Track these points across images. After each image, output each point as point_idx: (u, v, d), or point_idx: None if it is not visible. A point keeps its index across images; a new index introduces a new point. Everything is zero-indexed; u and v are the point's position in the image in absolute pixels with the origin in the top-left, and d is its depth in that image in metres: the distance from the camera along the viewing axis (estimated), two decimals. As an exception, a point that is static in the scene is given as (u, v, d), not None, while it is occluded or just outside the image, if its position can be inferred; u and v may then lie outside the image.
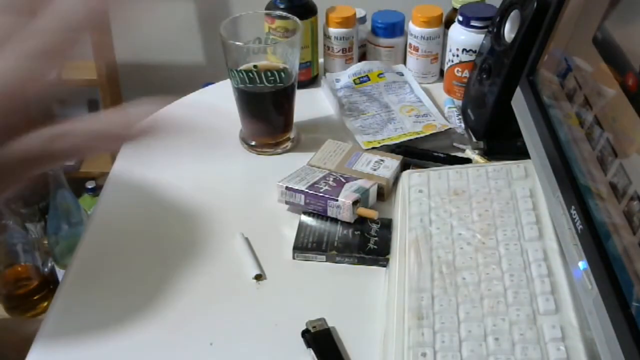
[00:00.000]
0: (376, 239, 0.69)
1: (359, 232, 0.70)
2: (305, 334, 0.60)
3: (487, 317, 0.57)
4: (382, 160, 0.79)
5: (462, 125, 0.86)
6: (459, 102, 0.91)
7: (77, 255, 0.71)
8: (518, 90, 0.72)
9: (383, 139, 0.84)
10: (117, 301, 0.65)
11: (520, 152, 0.72)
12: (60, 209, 1.39)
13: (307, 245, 0.69)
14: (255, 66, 0.79)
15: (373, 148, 0.82)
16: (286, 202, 0.74)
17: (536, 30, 0.70)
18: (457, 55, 0.89)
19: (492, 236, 0.64)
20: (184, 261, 0.69)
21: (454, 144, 0.84)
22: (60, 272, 1.50)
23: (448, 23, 0.93)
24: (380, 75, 0.96)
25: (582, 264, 0.52)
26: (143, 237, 0.73)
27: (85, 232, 0.74)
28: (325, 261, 0.69)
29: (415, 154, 0.81)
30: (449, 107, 0.90)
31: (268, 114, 0.84)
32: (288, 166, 0.79)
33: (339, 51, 0.97)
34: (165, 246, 0.71)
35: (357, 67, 0.97)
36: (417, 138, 0.84)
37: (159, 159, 0.85)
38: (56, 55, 0.31)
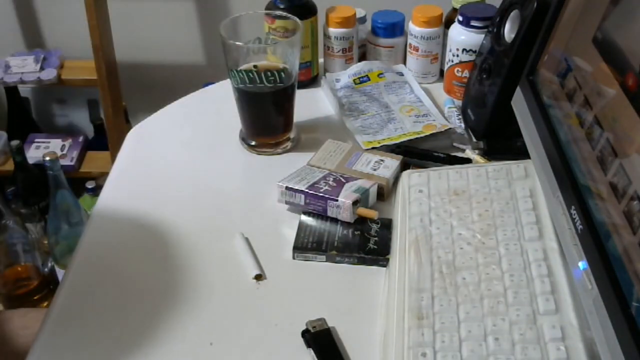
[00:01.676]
0: (376, 239, 0.69)
1: (359, 232, 0.70)
2: (305, 334, 0.60)
3: (487, 317, 0.57)
4: (382, 160, 0.79)
5: (462, 125, 0.86)
6: (459, 102, 0.91)
7: (77, 255, 0.71)
8: (518, 90, 0.72)
9: (383, 139, 0.84)
10: (117, 300, 0.65)
11: (520, 152, 0.72)
12: (60, 209, 1.39)
13: (307, 245, 0.69)
14: (255, 66, 0.79)
15: (373, 148, 0.82)
16: (286, 202, 0.74)
17: (536, 30, 0.70)
18: (457, 55, 0.89)
19: (492, 236, 0.64)
20: (184, 261, 0.69)
21: (454, 144, 0.84)
22: (60, 272, 1.50)
23: (448, 23, 0.93)
24: (380, 75, 0.96)
25: (582, 264, 0.52)
26: (143, 237, 0.73)
27: (85, 232, 0.74)
28: (325, 261, 0.69)
29: (415, 154, 0.81)
30: (449, 107, 0.90)
31: (268, 114, 0.84)
32: (288, 166, 0.79)
33: (339, 51, 0.97)
34: (165, 246, 0.71)
35: (357, 67, 0.97)
36: (417, 138, 0.84)
37: (158, 159, 0.85)
38: None
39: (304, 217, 0.73)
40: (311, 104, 0.94)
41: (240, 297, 0.65)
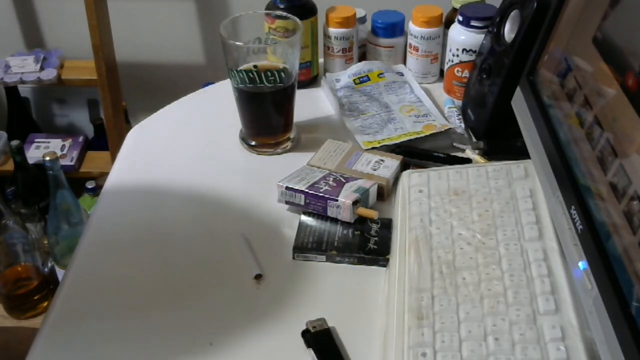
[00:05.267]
0: (376, 239, 0.69)
1: (359, 232, 0.70)
2: (305, 334, 0.60)
3: (487, 317, 0.57)
4: (382, 160, 0.79)
5: (462, 125, 0.86)
6: (459, 102, 0.91)
7: (77, 255, 0.71)
8: (518, 90, 0.72)
9: (383, 139, 0.84)
10: (117, 301, 0.65)
11: (520, 152, 0.72)
12: (60, 209, 1.39)
13: (307, 245, 0.69)
14: (255, 66, 0.79)
15: (373, 148, 0.82)
16: (286, 202, 0.74)
17: (536, 30, 0.70)
18: (457, 55, 0.89)
19: (492, 236, 0.64)
20: (184, 261, 0.69)
21: (454, 144, 0.84)
22: (60, 272, 1.50)
23: (448, 23, 0.93)
24: (380, 75, 0.96)
25: (582, 264, 0.52)
26: (143, 237, 0.73)
27: (85, 232, 0.74)
28: (325, 261, 0.69)
29: (415, 154, 0.81)
30: (449, 107, 0.90)
31: (268, 114, 0.84)
32: (288, 166, 0.79)
33: (339, 51, 0.97)
34: (165, 246, 0.71)
35: (357, 67, 0.97)
36: (417, 138, 0.84)
37: (158, 159, 0.85)
38: None
39: (304, 217, 0.73)
40: (311, 104, 0.94)
41: (240, 297, 0.65)
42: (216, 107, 0.95)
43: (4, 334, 1.15)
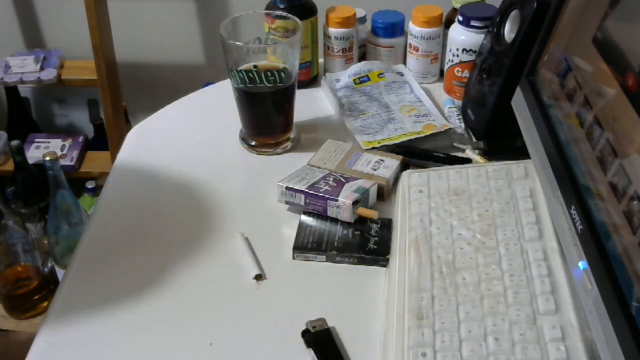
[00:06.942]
0: (376, 239, 0.69)
1: (359, 232, 0.70)
2: (305, 334, 0.60)
3: (487, 317, 0.57)
4: (382, 160, 0.79)
5: (462, 125, 0.86)
6: (459, 102, 0.91)
7: (77, 255, 0.71)
8: (518, 90, 0.72)
9: (383, 139, 0.84)
10: (116, 301, 0.65)
11: (520, 152, 0.72)
12: (60, 209, 1.39)
13: (307, 245, 0.69)
14: (255, 66, 0.79)
15: (373, 148, 0.82)
16: (286, 202, 0.74)
17: (536, 30, 0.70)
18: (457, 55, 0.89)
19: (492, 236, 0.64)
20: (184, 261, 0.69)
21: (454, 144, 0.84)
22: (60, 272, 1.50)
23: (448, 23, 0.93)
24: (380, 75, 0.96)
25: (582, 264, 0.52)
26: (143, 237, 0.73)
27: (85, 232, 0.74)
28: (325, 261, 0.69)
29: (415, 154, 0.81)
30: (449, 107, 0.90)
31: (268, 114, 0.84)
32: (288, 166, 0.79)
33: (339, 51, 0.97)
34: (165, 246, 0.71)
35: (357, 67, 0.97)
36: (417, 138, 0.84)
37: (158, 159, 0.85)
38: None
39: (304, 217, 0.73)
40: (311, 104, 0.94)
41: (240, 297, 0.65)
42: (216, 107, 0.95)
43: (3, 338, 1.15)
